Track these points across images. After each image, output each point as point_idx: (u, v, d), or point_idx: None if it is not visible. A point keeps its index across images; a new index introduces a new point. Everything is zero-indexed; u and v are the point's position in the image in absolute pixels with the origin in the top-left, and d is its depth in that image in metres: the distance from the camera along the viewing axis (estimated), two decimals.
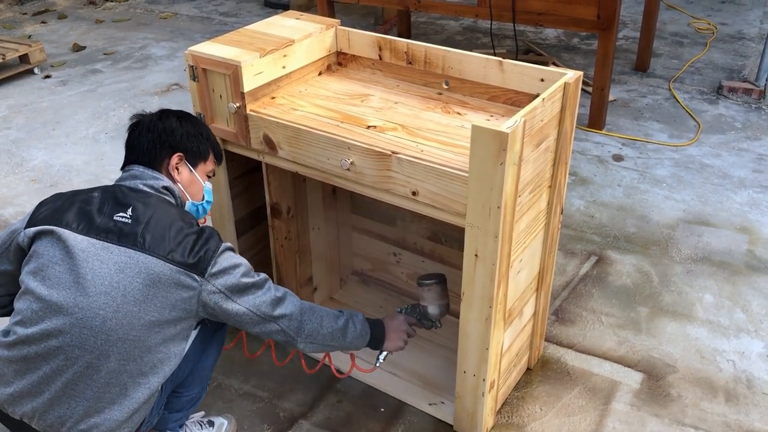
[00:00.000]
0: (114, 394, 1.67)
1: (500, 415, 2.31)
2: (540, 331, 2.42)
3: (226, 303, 1.73)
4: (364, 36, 2.38)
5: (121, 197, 1.74)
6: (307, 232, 2.59)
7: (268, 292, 1.81)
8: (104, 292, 1.62)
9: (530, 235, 2.08)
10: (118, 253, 1.65)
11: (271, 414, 2.33)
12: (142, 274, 1.64)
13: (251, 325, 1.80)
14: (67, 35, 5.99)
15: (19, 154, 4.07)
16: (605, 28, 3.80)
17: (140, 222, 1.68)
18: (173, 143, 1.86)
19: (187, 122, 1.92)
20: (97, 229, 1.67)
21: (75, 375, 1.64)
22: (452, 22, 5.94)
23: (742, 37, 5.48)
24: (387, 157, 1.92)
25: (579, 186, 3.59)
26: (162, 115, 1.91)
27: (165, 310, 1.67)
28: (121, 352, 1.64)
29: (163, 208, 1.75)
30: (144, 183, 1.79)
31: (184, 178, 1.89)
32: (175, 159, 1.86)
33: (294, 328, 1.85)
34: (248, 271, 1.79)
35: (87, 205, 1.72)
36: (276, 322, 1.82)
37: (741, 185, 3.58)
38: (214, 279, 1.70)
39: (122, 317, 1.63)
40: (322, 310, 1.94)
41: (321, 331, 1.90)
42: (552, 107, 1.92)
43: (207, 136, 1.96)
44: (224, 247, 1.75)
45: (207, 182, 1.97)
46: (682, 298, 2.83)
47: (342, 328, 1.94)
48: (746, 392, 2.39)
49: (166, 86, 4.91)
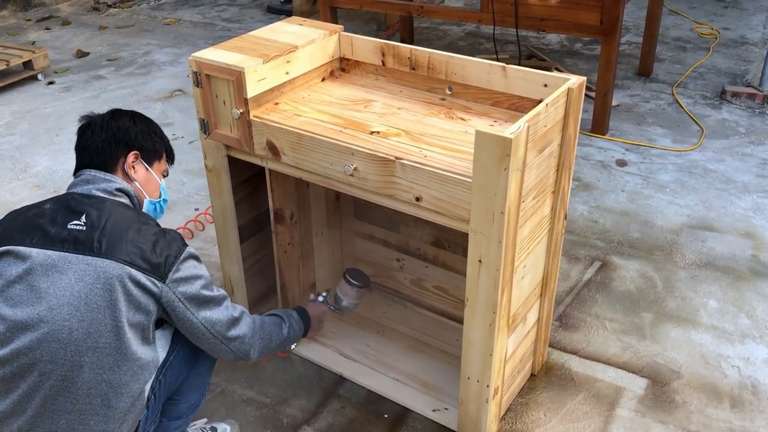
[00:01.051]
0: (96, 405, 1.65)
1: (504, 421, 2.30)
2: (544, 336, 2.41)
3: (184, 312, 1.72)
4: (367, 42, 2.38)
5: (74, 205, 1.70)
6: (311, 238, 2.58)
7: (225, 310, 1.79)
8: (66, 303, 1.60)
9: (534, 241, 2.07)
10: (76, 262, 1.62)
11: (274, 420, 2.33)
12: (102, 279, 1.61)
13: (202, 340, 1.79)
14: (71, 41, 6.01)
15: (22, 160, 4.08)
16: (608, 33, 3.80)
17: (95, 227, 1.65)
18: (128, 141, 1.84)
19: (140, 121, 1.91)
20: (53, 240, 1.64)
21: (52, 390, 1.62)
22: (455, 28, 5.95)
23: (746, 42, 5.48)
24: (390, 162, 1.92)
25: (582, 191, 3.59)
26: (114, 115, 1.89)
27: (130, 313, 1.64)
28: (93, 361, 1.62)
29: (119, 211, 1.71)
30: (96, 187, 1.75)
31: (140, 176, 1.87)
32: (131, 157, 1.84)
33: (245, 351, 1.86)
34: (208, 284, 1.76)
35: (39, 218, 1.68)
36: (227, 345, 1.82)
37: (745, 190, 3.57)
38: (174, 286, 1.68)
39: (88, 326, 1.60)
40: (269, 323, 1.97)
41: (270, 346, 1.95)
42: (555, 113, 1.92)
43: (160, 135, 1.95)
44: (187, 254, 1.72)
45: (162, 181, 1.95)
46: (686, 303, 2.82)
47: (287, 336, 2.03)
48: (751, 398, 2.38)
49: (169, 92, 4.92)
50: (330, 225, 2.67)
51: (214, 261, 3.06)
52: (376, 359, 2.51)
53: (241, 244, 2.52)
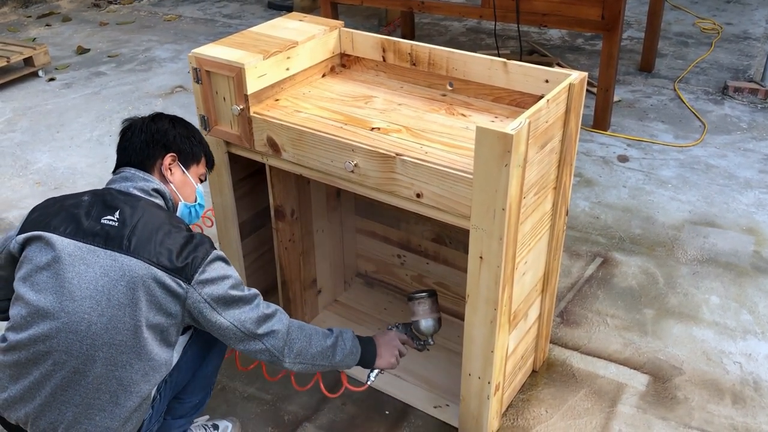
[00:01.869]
0: (104, 401, 1.66)
1: (505, 417, 2.29)
2: (545, 333, 2.41)
3: (211, 314, 1.69)
4: (367, 38, 2.37)
5: (110, 200, 1.72)
6: (312, 234, 2.58)
7: (255, 309, 1.76)
8: (89, 296, 1.61)
9: (535, 237, 2.07)
10: (104, 257, 1.63)
11: (275, 417, 2.32)
12: (126, 277, 1.62)
13: (235, 341, 1.76)
14: (72, 38, 6.00)
15: (23, 156, 4.07)
16: (610, 29, 3.79)
17: (127, 225, 1.66)
18: (166, 143, 1.85)
19: (179, 125, 1.92)
20: (84, 233, 1.65)
21: (63, 380, 1.63)
22: (456, 23, 5.93)
23: (748, 37, 5.46)
24: (391, 159, 1.91)
25: (584, 187, 3.58)
26: (155, 118, 1.90)
27: (151, 314, 1.64)
28: (107, 357, 1.63)
29: (152, 211, 1.72)
30: (134, 186, 1.77)
31: (176, 178, 1.87)
32: (168, 159, 1.84)
33: (279, 348, 1.79)
34: (237, 284, 1.74)
35: (75, 208, 1.70)
36: (261, 341, 1.77)
37: (747, 186, 3.56)
38: (200, 287, 1.67)
39: (107, 321, 1.61)
40: (310, 328, 1.89)
41: (310, 350, 1.85)
42: (557, 108, 1.91)
43: (200, 139, 1.95)
44: (214, 256, 1.71)
45: (199, 185, 1.96)
46: (688, 299, 2.82)
47: (331, 346, 1.89)
48: (753, 394, 2.38)
49: (170, 88, 4.91)
50: (331, 221, 2.67)
51: None
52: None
53: (242, 240, 2.51)
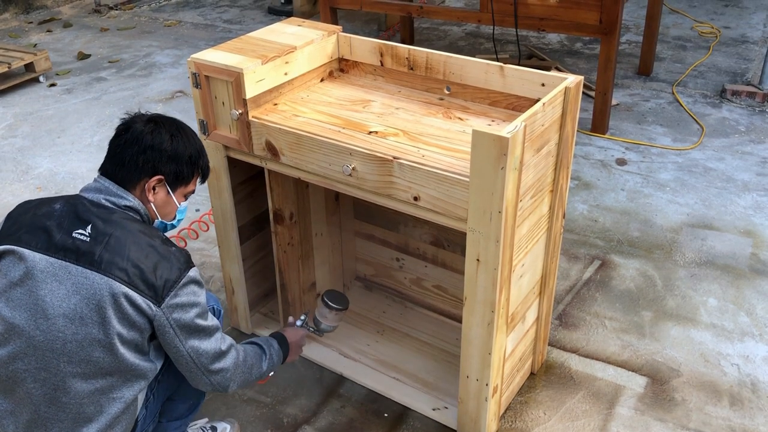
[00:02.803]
0: (90, 413, 1.65)
1: (504, 419, 2.30)
2: (543, 335, 2.42)
3: (173, 339, 1.67)
4: (365, 42, 2.39)
5: (82, 212, 1.66)
6: (310, 238, 2.59)
7: (214, 342, 1.74)
8: (62, 314, 1.59)
9: (532, 240, 2.08)
10: (75, 273, 1.59)
11: (274, 419, 2.33)
12: (98, 295, 1.58)
13: (184, 369, 1.74)
14: (73, 44, 6.03)
15: (24, 162, 4.09)
16: (607, 33, 3.81)
17: (99, 241, 1.61)
18: (156, 165, 1.74)
19: (179, 140, 1.78)
20: (56, 247, 1.61)
21: (45, 398, 1.63)
22: (455, 28, 5.96)
23: (746, 41, 5.48)
24: (388, 162, 1.92)
25: (582, 190, 3.59)
26: (155, 128, 1.76)
27: (123, 330, 1.61)
28: (86, 373, 1.62)
29: (125, 225, 1.66)
30: (106, 198, 1.70)
31: (158, 199, 1.78)
32: (153, 181, 1.75)
33: (224, 385, 1.81)
34: (203, 312, 1.71)
35: (47, 219, 1.65)
36: (208, 377, 1.76)
37: (745, 189, 3.57)
38: (169, 311, 1.64)
39: (82, 339, 1.59)
40: (251, 356, 1.90)
41: (250, 378, 1.90)
42: (553, 112, 1.92)
43: (196, 159, 1.82)
44: (188, 279, 1.67)
45: (183, 203, 1.86)
46: (686, 302, 2.82)
47: (267, 369, 1.96)
48: (751, 396, 2.38)
49: (170, 93, 4.93)
50: (329, 225, 2.68)
51: (215, 261, 3.07)
52: (375, 359, 2.52)
53: (241, 244, 2.53)
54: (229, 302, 2.66)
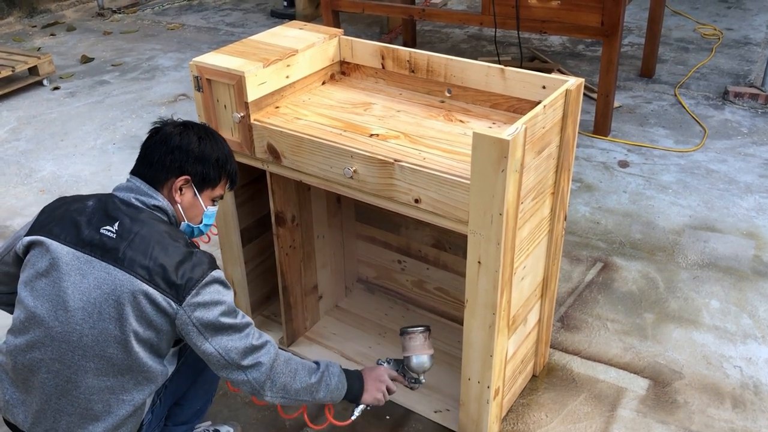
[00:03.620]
0: (97, 411, 1.66)
1: (505, 422, 2.30)
2: (545, 338, 2.42)
3: (198, 338, 1.66)
4: (367, 45, 2.39)
5: (111, 209, 1.69)
6: (312, 241, 2.60)
7: (244, 338, 1.71)
8: (81, 307, 1.60)
9: (533, 242, 2.08)
10: (99, 268, 1.62)
11: (276, 422, 2.34)
12: (117, 291, 1.60)
13: (217, 367, 1.71)
14: (76, 47, 6.05)
15: (27, 165, 4.11)
16: (609, 35, 3.81)
17: (124, 238, 1.64)
18: (183, 165, 1.77)
19: (207, 143, 1.81)
20: (83, 242, 1.64)
21: (57, 389, 1.64)
22: (457, 30, 5.96)
23: (748, 42, 5.47)
24: (389, 165, 1.93)
25: (584, 192, 3.59)
26: (183, 131, 1.80)
27: (140, 328, 1.62)
28: (98, 368, 1.63)
29: (152, 224, 1.68)
30: (136, 197, 1.73)
31: (185, 200, 1.80)
32: (180, 181, 1.77)
33: (261, 381, 1.74)
34: (230, 311, 1.69)
35: (78, 215, 1.68)
36: (243, 372, 1.71)
37: (747, 190, 3.56)
38: (191, 310, 1.63)
39: (98, 334, 1.61)
40: (297, 362, 1.82)
41: (293, 386, 1.79)
42: (554, 114, 1.93)
43: (223, 162, 1.84)
44: (211, 278, 1.66)
45: (210, 207, 1.87)
46: (688, 304, 2.82)
47: (316, 383, 1.84)
48: (753, 398, 2.38)
49: (173, 96, 4.95)
50: (331, 227, 2.69)
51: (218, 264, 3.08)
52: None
53: (243, 247, 2.53)
54: None
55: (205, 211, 1.86)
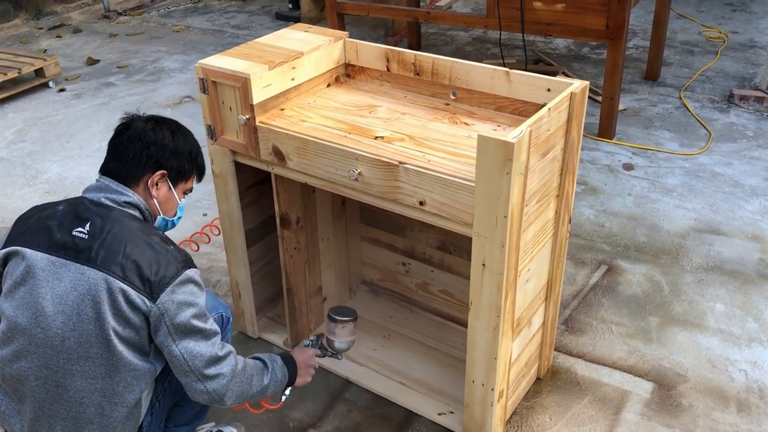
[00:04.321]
0: (90, 414, 1.66)
1: (510, 424, 2.30)
2: (549, 340, 2.42)
3: (166, 338, 1.65)
4: (371, 48, 2.40)
5: (81, 211, 1.69)
6: (317, 242, 2.60)
7: (210, 347, 1.70)
8: (61, 311, 1.61)
9: (538, 245, 2.08)
10: (73, 270, 1.62)
11: (280, 423, 2.34)
12: (93, 290, 1.60)
13: (179, 372, 1.70)
14: (82, 49, 6.07)
15: (33, 166, 4.12)
16: (614, 38, 3.81)
17: (96, 237, 1.63)
18: (159, 159, 1.77)
19: (179, 137, 1.83)
20: (56, 246, 1.64)
21: (48, 395, 1.64)
22: (462, 33, 5.97)
23: (754, 46, 5.47)
24: (394, 167, 1.93)
25: (589, 195, 3.59)
26: (156, 126, 1.81)
27: (119, 327, 1.62)
28: (85, 371, 1.63)
29: (124, 222, 1.68)
30: (106, 196, 1.72)
31: (161, 194, 1.81)
32: (157, 176, 1.78)
33: (221, 393, 1.73)
34: (201, 314, 1.68)
35: (50, 220, 1.69)
36: (203, 383, 1.70)
37: (753, 194, 3.56)
38: (164, 308, 1.62)
39: (79, 335, 1.61)
40: (251, 368, 1.84)
41: (249, 392, 1.82)
42: (558, 117, 1.93)
43: (195, 155, 1.87)
44: (186, 277, 1.66)
45: (183, 200, 1.89)
46: (693, 307, 2.82)
47: (267, 383, 1.88)
48: (758, 402, 2.37)
49: (178, 98, 4.96)
50: (336, 229, 2.69)
51: (222, 266, 3.09)
52: (382, 363, 2.53)
53: (248, 248, 2.54)
54: (236, 306, 2.67)
55: (179, 204, 1.88)
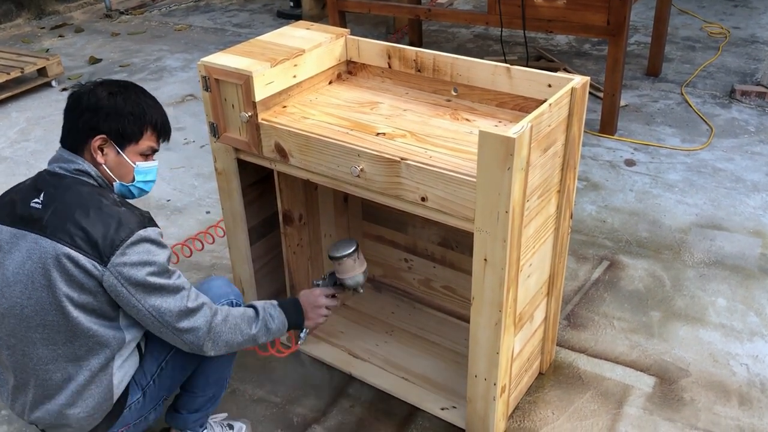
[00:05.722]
0: (58, 380, 1.71)
1: (512, 419, 2.31)
2: (551, 335, 2.43)
3: (129, 299, 1.66)
4: (373, 45, 2.41)
5: (39, 182, 1.74)
6: (320, 239, 2.61)
7: (179, 300, 1.70)
8: (19, 280, 1.66)
9: (539, 240, 2.09)
10: (29, 240, 1.66)
11: (284, 419, 2.35)
12: (44, 258, 1.64)
13: (153, 328, 1.72)
14: (84, 48, 6.09)
15: (37, 165, 4.14)
16: (615, 34, 3.81)
17: (48, 207, 1.67)
18: (94, 124, 1.73)
19: (119, 97, 1.76)
20: (18, 218, 1.70)
21: (18, 364, 1.72)
22: (463, 30, 5.97)
23: (755, 41, 5.46)
24: (396, 163, 1.94)
25: (591, 191, 3.59)
26: (92, 90, 1.76)
27: (73, 293, 1.64)
28: (45, 338, 1.68)
29: (74, 190, 1.70)
30: (60, 166, 1.75)
31: (110, 159, 1.77)
32: (97, 141, 1.74)
33: (199, 344, 1.75)
34: (161, 271, 1.68)
35: (16, 194, 1.76)
36: (179, 336, 1.73)
37: (754, 189, 3.56)
38: (116, 270, 1.63)
39: (35, 303, 1.66)
40: (236, 317, 1.83)
41: (236, 340, 1.83)
42: (559, 112, 1.94)
43: (140, 114, 1.78)
44: (138, 237, 1.65)
45: (142, 162, 1.82)
46: (694, 302, 2.82)
47: (257, 332, 1.87)
48: (760, 396, 2.38)
49: (181, 97, 4.97)
50: (338, 226, 2.70)
51: (225, 263, 3.10)
52: (384, 359, 2.54)
53: (251, 245, 2.55)
54: None
55: (135, 168, 1.81)
